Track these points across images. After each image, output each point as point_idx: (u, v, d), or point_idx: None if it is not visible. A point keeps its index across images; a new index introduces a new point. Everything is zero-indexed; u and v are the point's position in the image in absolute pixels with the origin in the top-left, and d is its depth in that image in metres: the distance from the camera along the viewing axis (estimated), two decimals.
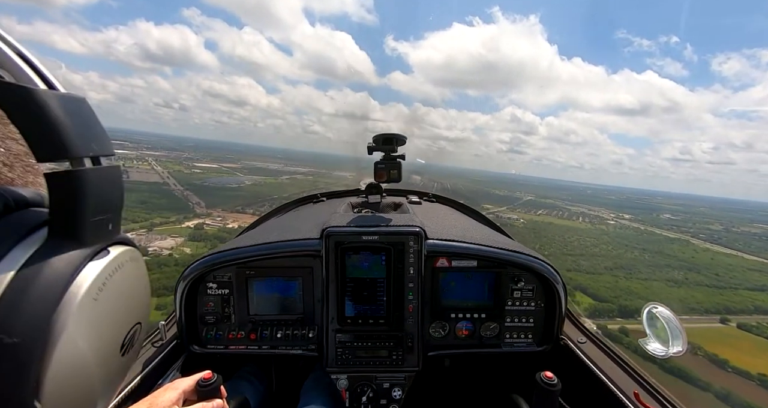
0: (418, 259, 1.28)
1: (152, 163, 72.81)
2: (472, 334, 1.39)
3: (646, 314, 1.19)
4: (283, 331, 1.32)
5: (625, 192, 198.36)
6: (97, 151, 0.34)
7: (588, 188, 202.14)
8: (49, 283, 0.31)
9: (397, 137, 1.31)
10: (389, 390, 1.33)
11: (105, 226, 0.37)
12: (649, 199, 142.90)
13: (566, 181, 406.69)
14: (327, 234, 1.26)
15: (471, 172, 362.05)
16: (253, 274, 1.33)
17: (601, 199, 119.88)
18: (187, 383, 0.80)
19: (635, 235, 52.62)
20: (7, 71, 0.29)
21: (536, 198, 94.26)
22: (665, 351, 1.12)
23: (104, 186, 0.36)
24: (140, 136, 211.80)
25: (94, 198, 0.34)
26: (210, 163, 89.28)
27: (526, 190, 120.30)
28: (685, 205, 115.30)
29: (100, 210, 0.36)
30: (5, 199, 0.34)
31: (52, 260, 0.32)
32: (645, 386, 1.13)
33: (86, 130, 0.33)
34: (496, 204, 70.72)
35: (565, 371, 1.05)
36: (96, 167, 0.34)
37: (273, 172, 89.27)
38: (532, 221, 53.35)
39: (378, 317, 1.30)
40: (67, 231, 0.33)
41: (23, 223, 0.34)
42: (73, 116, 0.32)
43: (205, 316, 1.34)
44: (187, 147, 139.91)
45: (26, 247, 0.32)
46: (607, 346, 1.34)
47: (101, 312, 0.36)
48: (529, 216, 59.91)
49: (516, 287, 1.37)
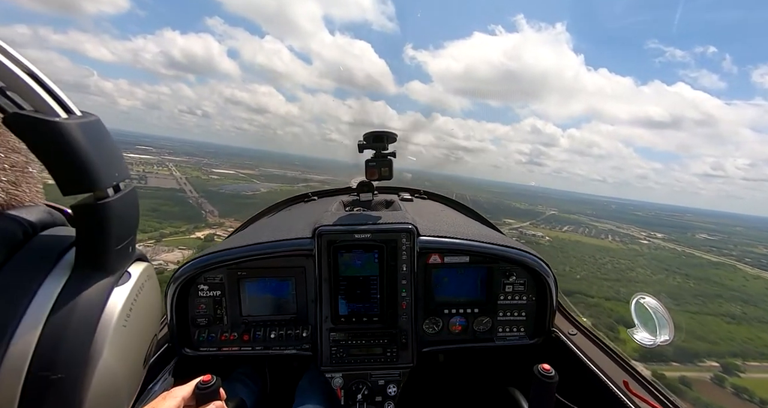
0: (411, 256, 1.29)
1: (172, 169, 73.57)
2: (466, 329, 1.40)
3: (634, 305, 1.23)
4: (277, 332, 1.31)
5: (652, 208, 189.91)
6: (118, 178, 0.34)
7: (612, 203, 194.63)
8: (84, 315, 0.32)
9: (388, 135, 1.31)
10: (384, 387, 1.34)
11: (127, 251, 0.38)
12: (679, 216, 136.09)
13: (588, 195, 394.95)
14: (319, 233, 1.26)
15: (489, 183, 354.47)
16: (245, 274, 1.32)
17: (628, 215, 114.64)
18: (185, 390, 0.79)
19: (673, 257, 48.63)
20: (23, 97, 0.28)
21: (559, 212, 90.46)
22: (653, 340, 1.16)
23: (126, 211, 0.36)
24: (164, 141, 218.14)
25: (118, 227, 0.34)
26: (228, 169, 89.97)
27: (548, 203, 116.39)
28: (718, 224, 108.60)
29: (122, 236, 0.36)
30: (23, 226, 0.34)
31: (83, 292, 0.32)
32: (634, 375, 1.17)
33: (107, 158, 0.33)
34: (519, 219, 67.79)
35: (557, 363, 1.04)
36: (118, 195, 0.34)
37: (290, 179, 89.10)
38: (558, 239, 50.14)
39: (372, 315, 1.31)
40: (95, 261, 0.34)
41: (46, 251, 0.34)
42: (95, 144, 0.31)
43: (196, 319, 1.32)
44: (207, 152, 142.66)
45: (56, 279, 0.32)
46: (597, 338, 1.38)
47: (130, 334, 0.37)
48: (554, 233, 56.64)
49: (508, 281, 1.38)
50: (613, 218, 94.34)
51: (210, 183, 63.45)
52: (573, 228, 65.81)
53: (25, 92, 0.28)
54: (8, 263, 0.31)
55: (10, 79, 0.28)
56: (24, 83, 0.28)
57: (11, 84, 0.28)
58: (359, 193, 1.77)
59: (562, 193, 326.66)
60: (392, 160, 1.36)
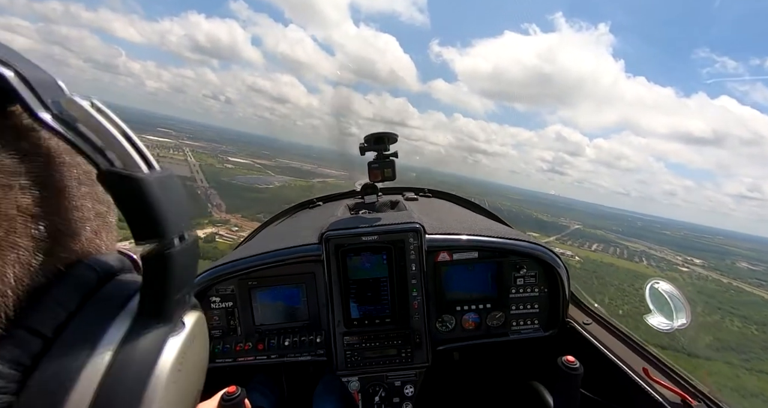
0: (419, 255, 1.29)
1: (187, 154, 72.19)
2: (479, 325, 1.39)
3: (648, 290, 1.21)
4: (291, 339, 1.32)
5: (679, 226, 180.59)
6: (183, 229, 0.36)
7: (638, 218, 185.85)
8: (141, 364, 0.33)
9: (389, 136, 1.32)
10: (401, 388, 1.33)
11: (185, 299, 0.40)
12: (709, 238, 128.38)
13: (610, 208, 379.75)
14: (326, 238, 1.26)
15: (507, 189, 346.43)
16: (256, 284, 1.32)
17: (656, 234, 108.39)
18: (211, 405, 0.81)
19: (720, 290, 43.66)
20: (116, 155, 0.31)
21: (584, 227, 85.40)
22: (670, 325, 1.14)
23: (188, 260, 0.38)
24: (187, 124, 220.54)
25: (180, 276, 0.36)
26: (244, 159, 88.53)
27: (570, 215, 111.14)
28: (756, 251, 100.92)
29: (183, 285, 0.38)
30: (97, 273, 0.37)
31: (141, 341, 0.34)
32: (653, 362, 1.15)
33: (177, 211, 0.35)
34: (543, 232, 63.45)
35: (574, 353, 1.06)
36: (183, 245, 0.36)
37: (305, 173, 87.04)
38: (589, 260, 45.86)
39: (384, 316, 1.31)
40: (156, 310, 0.36)
41: (113, 298, 0.36)
42: (170, 198, 0.34)
43: (210, 331, 1.31)
44: (227, 139, 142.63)
45: (119, 326, 0.34)
46: (613, 325, 1.35)
47: (180, 387, 0.38)
48: (583, 252, 52.35)
49: (518, 275, 1.38)
50: (641, 237, 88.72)
51: (223, 172, 61.46)
52: (602, 246, 61.12)
53: (119, 151, 0.31)
54: (81, 310, 0.33)
55: (108, 140, 0.31)
56: (119, 144, 0.31)
57: (109, 144, 0.31)
58: (364, 196, 1.71)
59: (584, 204, 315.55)
60: (395, 161, 1.35)
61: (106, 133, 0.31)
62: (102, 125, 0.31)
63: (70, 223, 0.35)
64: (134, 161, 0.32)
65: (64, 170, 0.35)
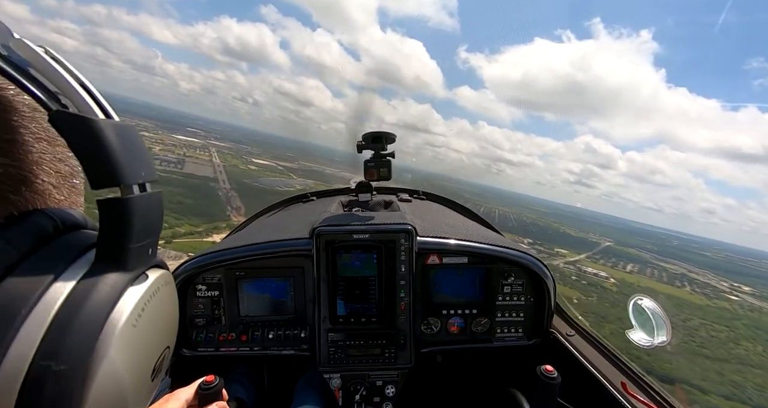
0: (409, 257, 1.29)
1: (213, 154, 73.23)
2: (464, 330, 1.40)
3: (632, 306, 1.24)
4: (275, 332, 1.32)
5: (721, 248, 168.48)
6: (144, 178, 0.35)
7: (673, 237, 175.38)
8: (94, 308, 0.32)
9: (387, 135, 1.32)
10: (382, 387, 1.34)
11: (146, 252, 0.39)
12: (755, 263, 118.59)
13: (641, 224, 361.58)
14: (317, 233, 1.26)
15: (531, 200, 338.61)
16: (243, 274, 1.31)
17: (695, 256, 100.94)
18: (188, 392, 0.81)
19: None
20: (69, 100, 0.31)
21: (615, 245, 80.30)
22: (650, 341, 1.17)
23: (149, 212, 0.37)
24: (215, 125, 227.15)
25: (140, 225, 0.35)
26: (268, 160, 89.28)
27: (599, 231, 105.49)
28: None
29: (143, 236, 0.37)
30: (54, 222, 0.36)
31: (98, 285, 0.33)
32: (632, 376, 1.17)
33: (137, 158, 0.34)
34: (573, 249, 59.92)
35: (555, 363, 1.06)
36: (143, 194, 0.35)
37: (327, 176, 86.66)
38: (625, 283, 42.15)
39: (370, 315, 1.31)
40: (114, 257, 0.35)
41: (71, 245, 0.35)
42: (127, 145, 0.33)
43: (194, 319, 1.31)
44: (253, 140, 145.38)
45: (75, 270, 0.33)
46: (595, 339, 1.37)
47: (138, 337, 0.37)
48: (618, 273, 48.49)
49: (506, 282, 1.38)
50: (679, 258, 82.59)
51: (246, 174, 61.72)
52: (637, 267, 56.76)
53: (73, 97, 0.31)
54: (33, 254, 0.32)
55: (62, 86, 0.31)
56: (74, 90, 0.31)
57: (64, 89, 0.31)
58: (358, 194, 1.73)
59: (612, 218, 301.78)
60: (391, 161, 1.35)
61: (59, 79, 0.30)
62: (56, 70, 0.30)
63: (22, 169, 0.34)
64: (88, 106, 0.31)
65: (16, 118, 0.34)
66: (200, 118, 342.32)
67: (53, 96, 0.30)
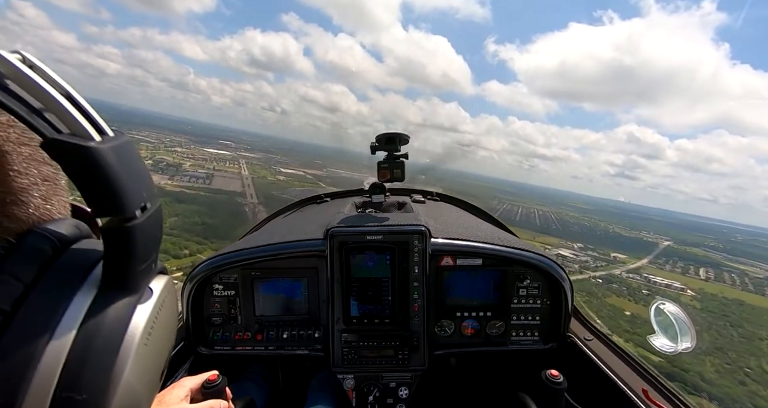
0: (423, 258, 1.29)
1: (242, 166, 73.46)
2: (478, 333, 1.39)
3: (653, 311, 1.19)
4: (289, 332, 1.34)
5: None
6: (145, 199, 0.35)
7: (735, 230, 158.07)
8: (108, 335, 0.32)
9: (400, 136, 1.32)
10: (396, 389, 1.34)
11: (150, 268, 0.39)
12: None
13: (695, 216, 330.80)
14: (331, 234, 1.27)
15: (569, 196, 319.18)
16: (259, 275, 1.34)
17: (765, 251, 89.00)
18: (194, 381, 0.85)
19: None
20: (59, 118, 0.28)
21: (675, 244, 71.76)
22: (674, 347, 1.12)
23: (151, 231, 0.36)
24: (246, 136, 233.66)
25: (143, 246, 0.35)
26: (296, 169, 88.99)
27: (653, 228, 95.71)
28: None
29: (147, 256, 0.37)
30: (53, 242, 0.35)
31: (108, 312, 0.33)
32: (653, 383, 1.13)
33: (136, 180, 0.33)
34: (629, 253, 53.45)
35: (573, 369, 1.07)
36: (144, 215, 0.34)
37: (356, 182, 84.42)
38: (706, 295, 35.96)
39: (383, 317, 1.31)
40: (121, 282, 0.34)
41: (74, 267, 0.34)
42: (126, 169, 0.32)
43: (211, 318, 1.35)
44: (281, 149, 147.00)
45: (83, 297, 0.32)
46: (614, 344, 1.35)
47: (150, 353, 0.37)
48: (692, 281, 41.91)
49: (522, 285, 1.37)
50: (752, 256, 72.39)
51: (274, 185, 60.89)
52: (713, 273, 49.45)
53: (61, 114, 0.28)
54: (39, 281, 0.32)
55: (47, 101, 0.28)
56: (60, 106, 0.28)
57: (49, 105, 0.28)
58: (371, 195, 1.71)
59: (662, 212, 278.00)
60: (404, 162, 1.35)
61: (42, 93, 0.28)
62: (36, 83, 0.28)
63: (14, 192, 0.33)
64: (82, 126, 0.29)
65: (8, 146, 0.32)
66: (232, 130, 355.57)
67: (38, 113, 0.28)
